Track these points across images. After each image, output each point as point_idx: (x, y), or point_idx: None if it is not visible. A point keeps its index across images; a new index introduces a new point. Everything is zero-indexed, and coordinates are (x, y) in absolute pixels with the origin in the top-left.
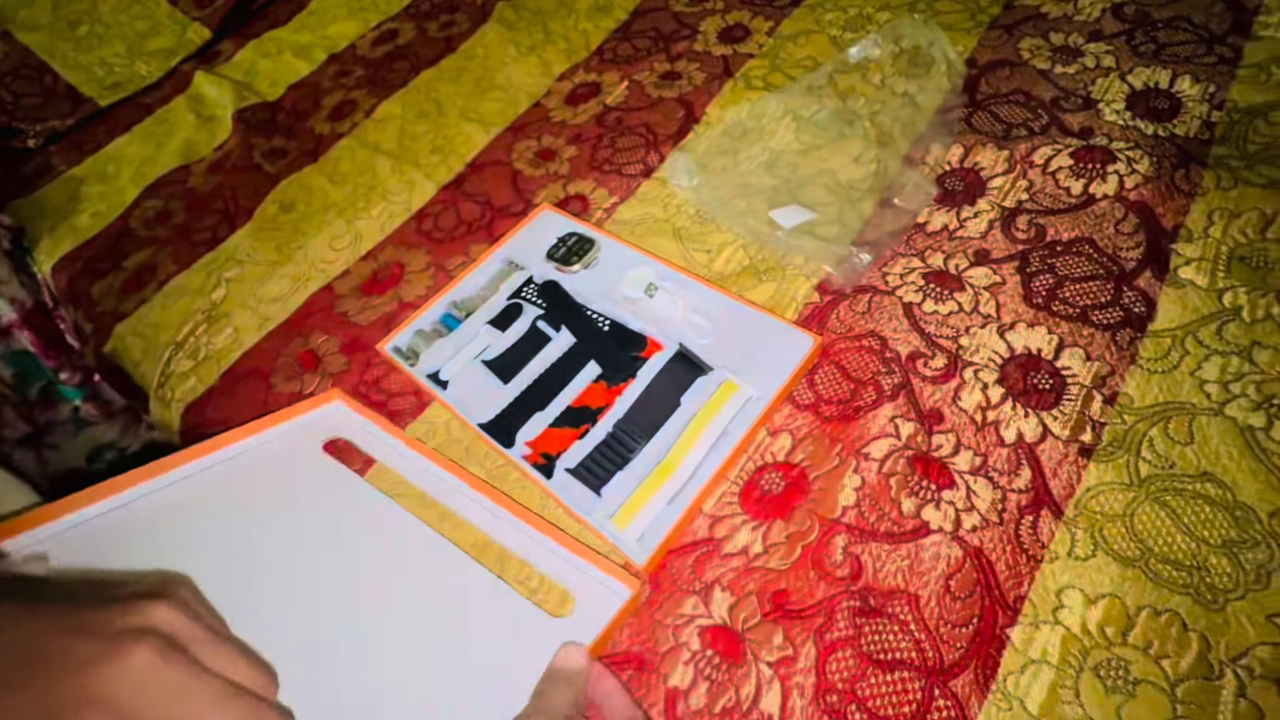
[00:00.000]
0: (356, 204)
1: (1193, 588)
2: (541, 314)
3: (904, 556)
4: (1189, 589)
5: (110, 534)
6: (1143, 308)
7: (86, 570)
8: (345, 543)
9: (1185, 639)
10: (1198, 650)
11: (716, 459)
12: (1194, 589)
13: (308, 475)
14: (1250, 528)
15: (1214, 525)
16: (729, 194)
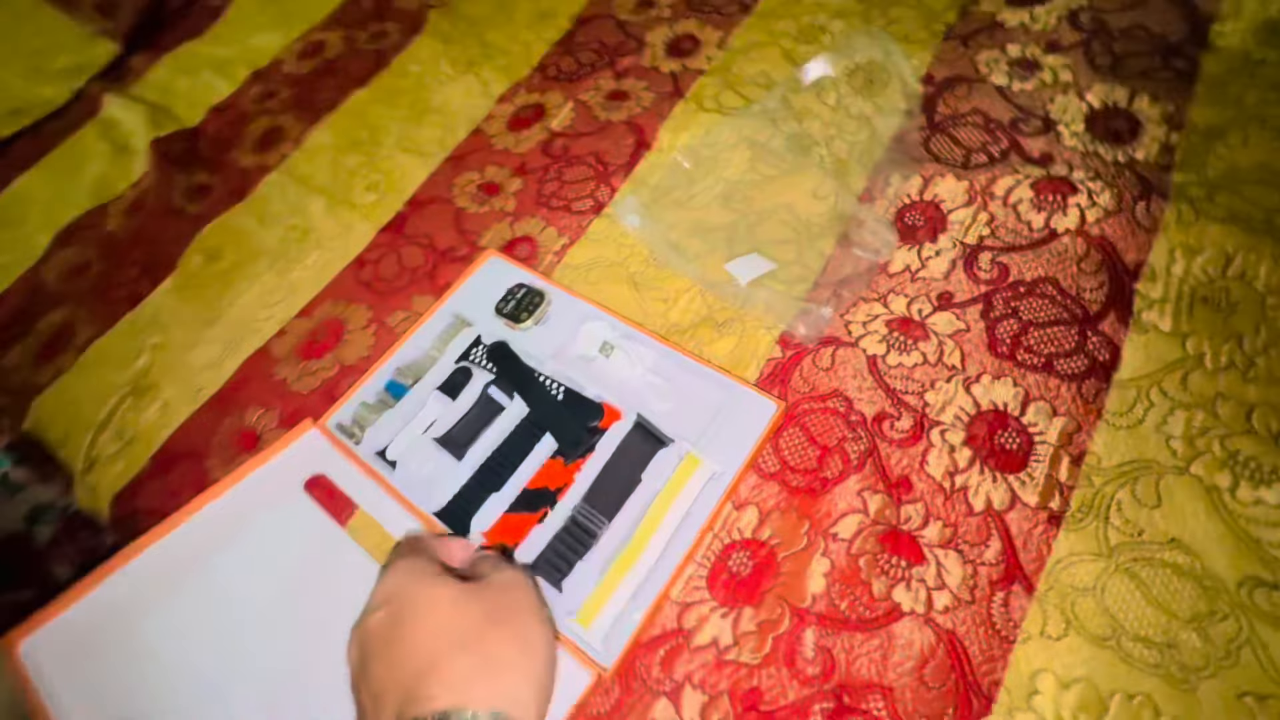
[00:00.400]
0: (289, 251)
1: (1163, 668)
2: (492, 379)
3: (877, 646)
4: (1159, 669)
5: (106, 618)
6: (1107, 354)
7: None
8: (328, 601)
9: None
10: None
11: (681, 544)
12: (1164, 669)
13: (291, 525)
14: (1218, 598)
15: (1183, 598)
16: (682, 234)
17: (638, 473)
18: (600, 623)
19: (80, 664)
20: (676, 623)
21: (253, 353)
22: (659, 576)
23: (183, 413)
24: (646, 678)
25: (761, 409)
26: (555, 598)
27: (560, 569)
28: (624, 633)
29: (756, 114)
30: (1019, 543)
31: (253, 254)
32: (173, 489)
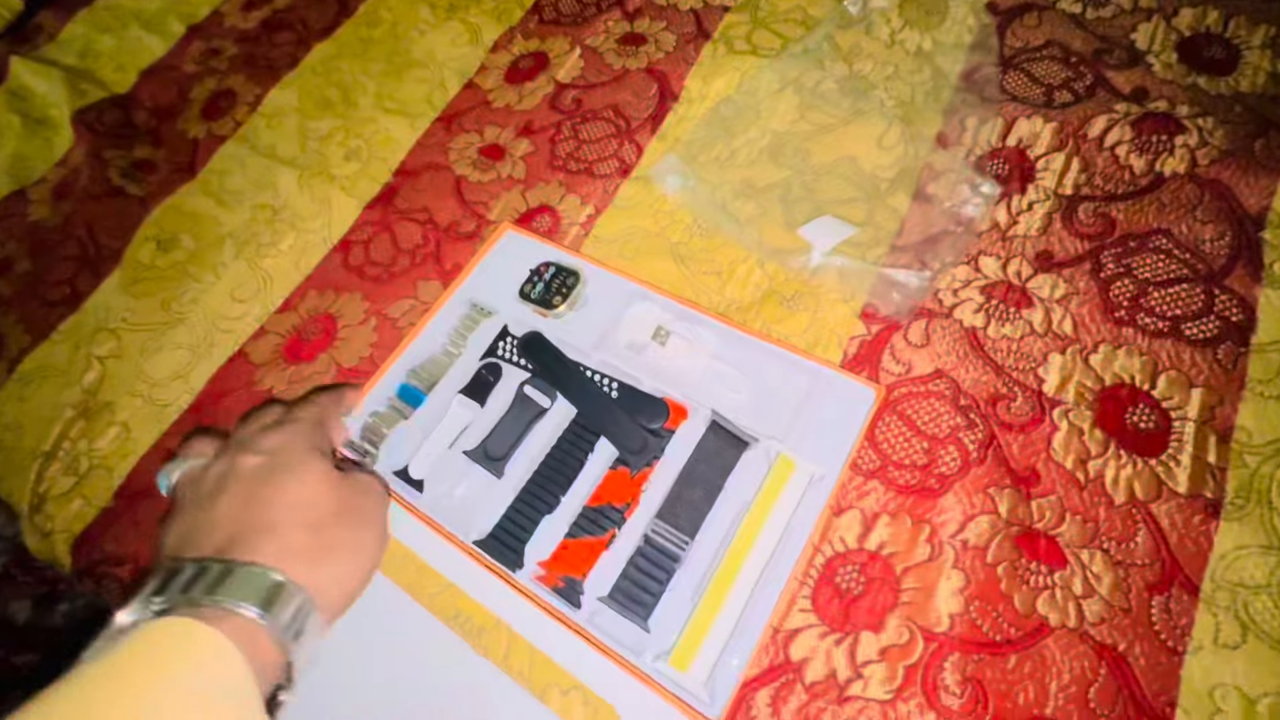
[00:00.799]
0: (259, 235)
1: None
2: (527, 377)
3: (1030, 671)
4: None
5: None
6: (1241, 314)
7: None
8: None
9: None
10: None
11: (785, 563)
12: None
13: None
14: None
15: None
16: (730, 196)
17: (720, 480)
18: (699, 665)
19: None
20: (782, 653)
21: (228, 358)
22: (763, 604)
23: (147, 437)
24: None
25: (857, 396)
26: (642, 639)
27: (643, 602)
28: (730, 677)
29: (799, 55)
30: (1173, 538)
31: (215, 240)
32: (146, 529)
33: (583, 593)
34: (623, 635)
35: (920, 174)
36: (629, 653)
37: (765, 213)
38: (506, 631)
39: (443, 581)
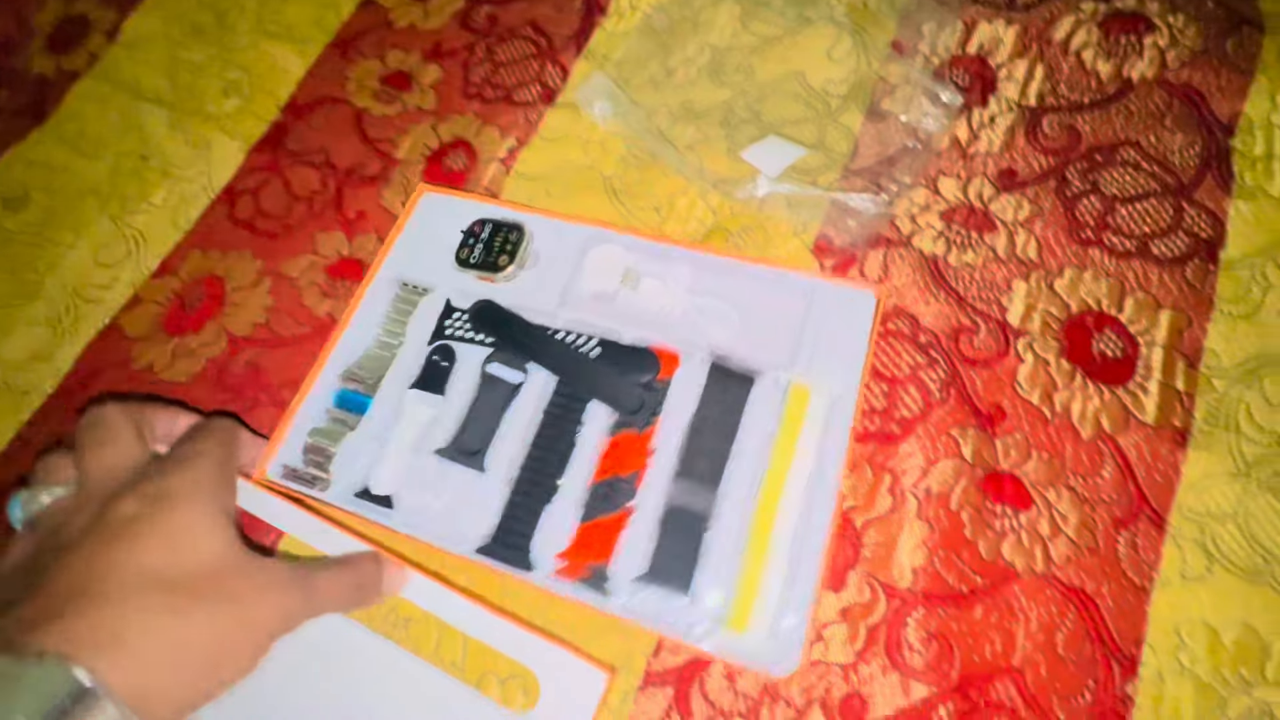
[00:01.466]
0: (125, 187)
1: None
2: (489, 353)
3: (996, 620)
4: None
5: None
6: (1210, 229)
7: None
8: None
9: None
10: None
11: (825, 496)
12: None
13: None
14: None
15: None
16: (668, 121)
17: (733, 423)
18: (759, 622)
19: None
20: None
21: (98, 332)
22: (812, 542)
23: (5, 429)
24: (715, 698)
25: (856, 303)
26: (686, 611)
27: (682, 574)
28: (797, 625)
29: None
30: (1140, 470)
31: (74, 195)
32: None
33: (612, 578)
34: (665, 612)
35: (874, 88)
36: (677, 630)
37: (707, 138)
38: (436, 623)
39: None
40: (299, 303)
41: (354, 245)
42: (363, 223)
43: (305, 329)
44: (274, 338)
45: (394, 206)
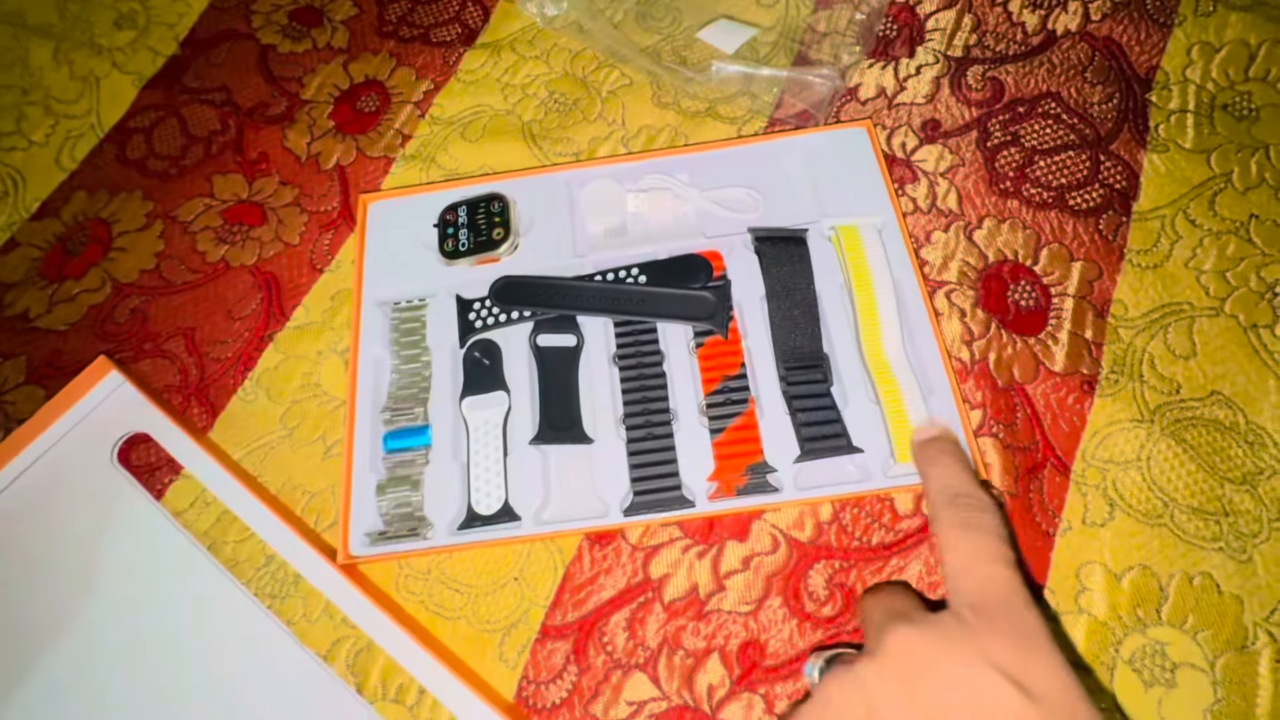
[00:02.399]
0: (2, 123)
1: (1222, 540)
2: (530, 329)
3: (908, 571)
4: (1218, 542)
5: None
6: (1124, 181)
7: None
8: (137, 591)
9: (1220, 605)
10: (1233, 616)
11: (916, 311)
12: (1224, 541)
13: (96, 501)
14: (1264, 452)
15: (1230, 457)
16: (611, 11)
17: (806, 284)
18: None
19: None
20: (641, 572)
21: None
22: (928, 354)
23: None
24: (609, 652)
25: (853, 141)
26: (864, 462)
27: (837, 436)
28: (955, 429)
29: None
30: (1047, 419)
31: None
32: None
33: (776, 472)
34: (840, 475)
35: (801, 37)
36: (861, 483)
37: (631, 84)
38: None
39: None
40: (192, 248)
41: (254, 189)
42: (264, 165)
43: (198, 275)
44: (164, 284)
45: (298, 148)
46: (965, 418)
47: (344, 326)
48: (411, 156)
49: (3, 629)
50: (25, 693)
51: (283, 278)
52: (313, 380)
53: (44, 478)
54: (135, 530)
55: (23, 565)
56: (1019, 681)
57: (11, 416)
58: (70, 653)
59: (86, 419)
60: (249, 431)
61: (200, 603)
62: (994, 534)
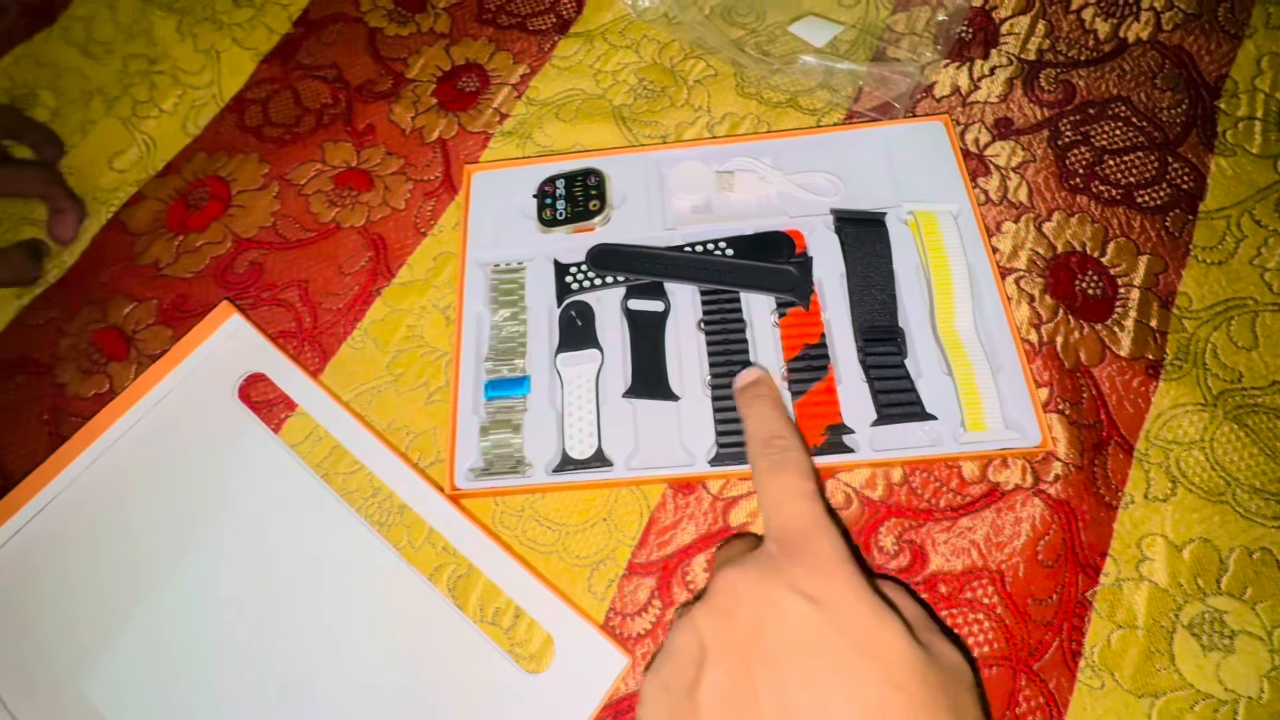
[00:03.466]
0: (134, 90)
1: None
2: (623, 293)
3: (986, 524)
4: (1279, 520)
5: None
6: (1191, 182)
7: None
8: (257, 516)
9: (1279, 579)
10: None
11: (988, 292)
12: None
13: (220, 431)
14: None
15: None
16: (699, 5)
17: (885, 263)
18: (992, 412)
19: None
20: (722, 520)
21: (101, 228)
22: (998, 331)
23: (4, 315)
24: (693, 590)
25: (931, 133)
26: (936, 429)
27: (911, 403)
28: (1025, 411)
29: None
30: (1112, 400)
31: (80, 95)
32: (18, 416)
33: (851, 432)
34: (914, 440)
35: (880, 36)
36: (932, 447)
37: (716, 74)
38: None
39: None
40: (306, 209)
41: (362, 157)
42: (371, 136)
43: (311, 234)
44: (281, 240)
45: (403, 122)
46: (1034, 394)
47: (445, 285)
48: (509, 133)
49: (135, 546)
50: (156, 601)
51: (389, 239)
52: (416, 332)
53: (172, 410)
54: (255, 459)
55: (155, 488)
56: (810, 595)
57: (143, 353)
58: (196, 565)
59: (210, 357)
60: (357, 376)
61: (314, 525)
62: (797, 471)
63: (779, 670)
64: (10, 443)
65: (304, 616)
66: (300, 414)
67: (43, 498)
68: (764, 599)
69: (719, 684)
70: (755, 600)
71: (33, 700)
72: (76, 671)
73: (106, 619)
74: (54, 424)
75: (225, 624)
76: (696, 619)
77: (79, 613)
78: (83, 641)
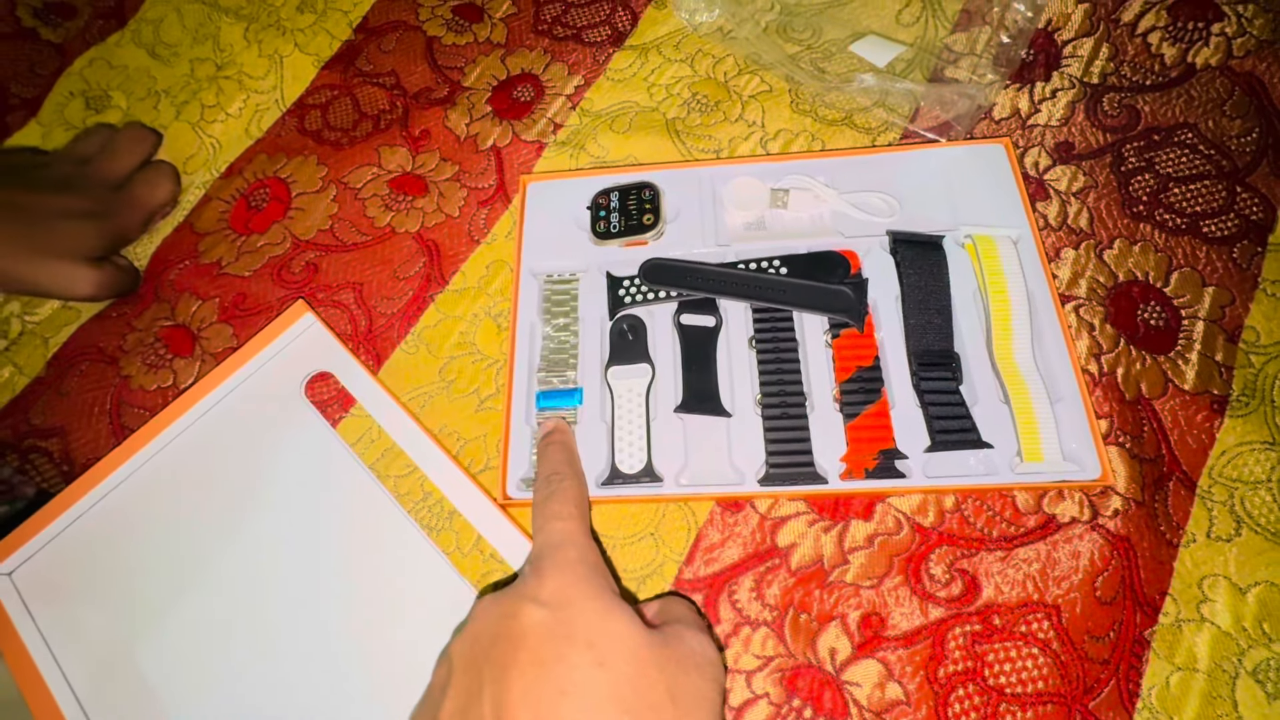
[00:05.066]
0: (201, 93)
1: None
2: (677, 307)
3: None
4: None
5: (83, 540)
6: (1261, 213)
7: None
8: (311, 512)
9: None
10: None
11: (1048, 323)
12: None
13: (285, 425)
14: None
15: None
16: (755, 21)
17: (942, 287)
18: (1049, 442)
19: (57, 589)
20: (769, 540)
21: (172, 229)
22: (1058, 360)
23: (88, 307)
24: (739, 609)
25: (991, 156)
26: (991, 458)
27: (965, 430)
28: (1084, 442)
29: None
30: (1174, 434)
31: (149, 98)
32: (77, 405)
33: (904, 457)
34: (968, 468)
35: (938, 56)
36: (987, 477)
37: (771, 90)
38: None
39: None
40: (362, 213)
41: (417, 162)
42: (426, 140)
43: (367, 238)
44: (337, 243)
45: (458, 128)
46: (1094, 425)
47: (498, 293)
48: (562, 143)
49: (193, 530)
50: (208, 584)
51: (443, 245)
52: (468, 339)
53: (242, 402)
54: (316, 455)
55: (217, 476)
56: (544, 601)
57: (207, 350)
58: (249, 552)
59: (282, 353)
60: (410, 380)
61: (367, 523)
62: (563, 499)
63: (502, 672)
64: (74, 428)
65: (349, 611)
66: (355, 415)
67: (114, 479)
68: (504, 613)
69: (456, 701)
70: (497, 616)
71: (89, 670)
72: (128, 640)
73: (162, 598)
74: (116, 413)
75: (271, 610)
76: (450, 648)
77: (137, 588)
78: (138, 613)
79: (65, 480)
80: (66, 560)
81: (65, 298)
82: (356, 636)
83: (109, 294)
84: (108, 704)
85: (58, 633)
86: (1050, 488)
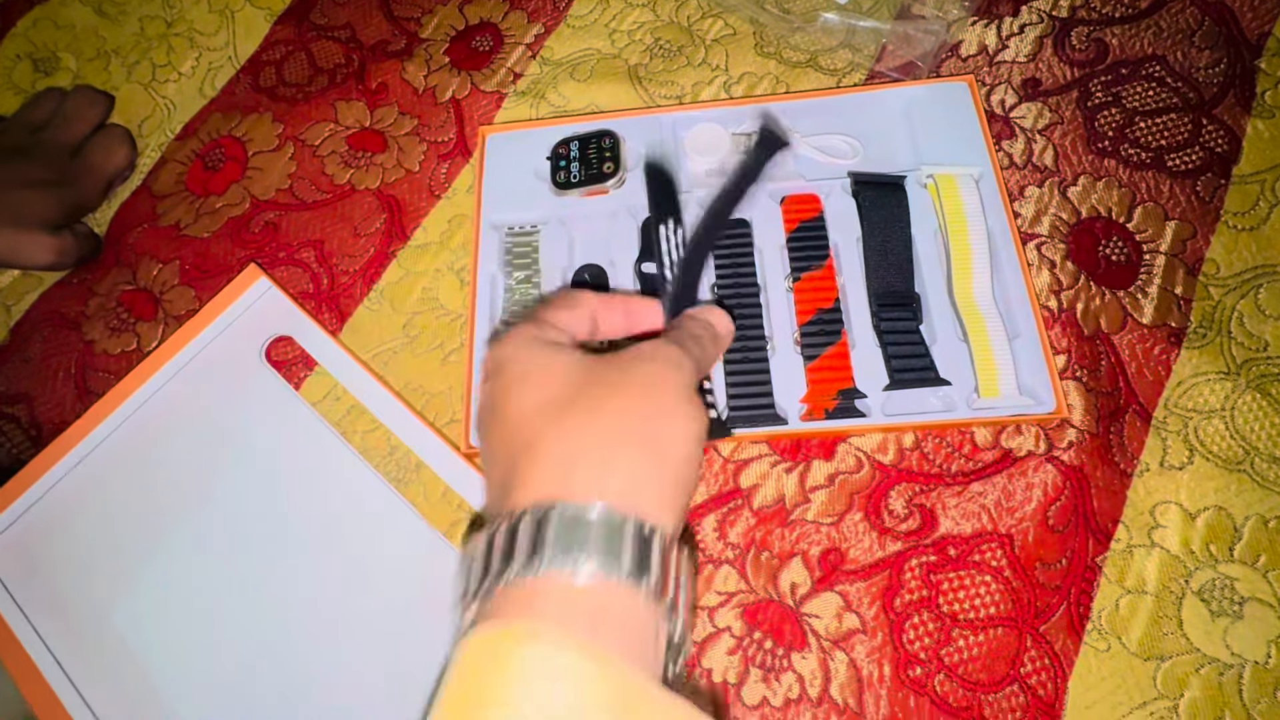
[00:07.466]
0: (152, 52)
1: None
2: (639, 255)
3: (998, 489)
4: None
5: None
6: (1225, 145)
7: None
8: (278, 472)
9: None
10: None
11: (1008, 260)
12: None
13: (246, 390)
14: None
15: None
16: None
17: (903, 224)
18: (1006, 378)
19: (33, 558)
20: (732, 481)
21: (130, 194)
22: (1017, 297)
23: (47, 274)
24: (704, 545)
25: (954, 94)
26: (949, 394)
27: (923, 368)
28: (1040, 377)
29: None
30: (1131, 367)
31: (98, 56)
32: (40, 370)
33: (863, 396)
34: (927, 405)
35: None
36: (945, 413)
37: (735, 34)
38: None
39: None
40: (321, 171)
41: (375, 117)
42: (384, 95)
43: (327, 195)
44: (297, 202)
45: (416, 80)
46: (1050, 361)
47: (459, 248)
48: (523, 93)
49: (163, 495)
50: (180, 545)
51: (404, 201)
52: (431, 294)
53: (201, 369)
54: (279, 416)
55: (182, 441)
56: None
57: (169, 313)
58: (218, 513)
59: (238, 319)
60: (373, 337)
61: (333, 479)
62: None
63: (503, 372)
64: (40, 393)
65: (319, 565)
66: (318, 374)
67: (82, 449)
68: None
69: (481, 395)
70: (507, 339)
71: (66, 630)
72: (106, 606)
73: (135, 560)
74: (81, 378)
75: (242, 569)
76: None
77: (111, 554)
78: (114, 580)
79: (34, 445)
80: (40, 530)
81: (26, 267)
82: (330, 588)
83: (71, 262)
84: (90, 669)
85: (35, 601)
86: (1007, 422)
